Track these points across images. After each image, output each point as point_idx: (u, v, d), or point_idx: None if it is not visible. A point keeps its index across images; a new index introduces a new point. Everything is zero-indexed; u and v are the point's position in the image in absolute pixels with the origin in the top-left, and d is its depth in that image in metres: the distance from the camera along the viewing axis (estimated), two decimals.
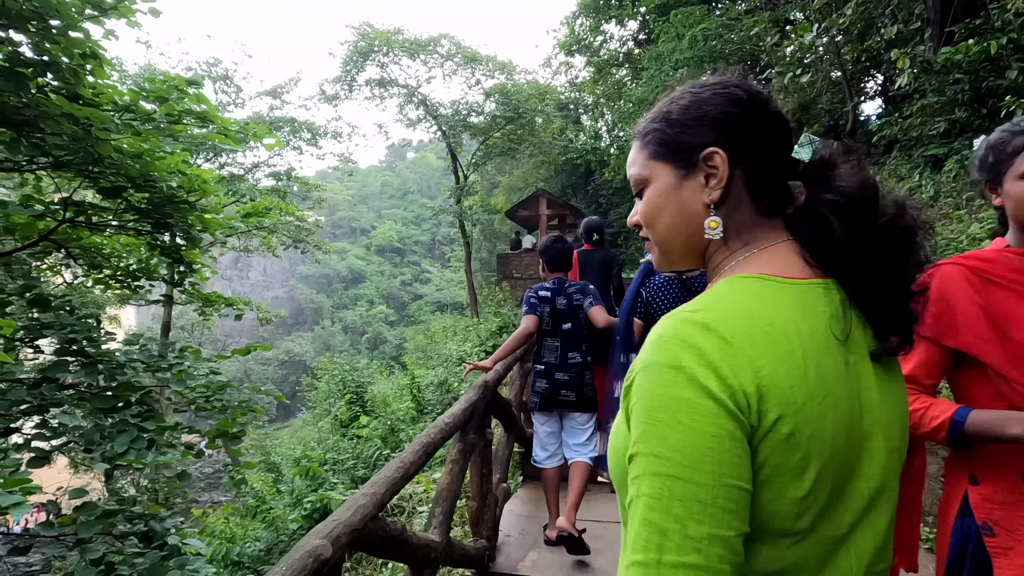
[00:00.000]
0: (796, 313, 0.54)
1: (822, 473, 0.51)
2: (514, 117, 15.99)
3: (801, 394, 0.50)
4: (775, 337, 0.52)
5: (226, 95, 15.43)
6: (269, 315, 19.07)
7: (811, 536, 0.53)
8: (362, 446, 8.36)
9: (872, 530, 0.56)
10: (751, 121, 0.61)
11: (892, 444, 0.58)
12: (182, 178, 4.37)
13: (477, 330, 12.58)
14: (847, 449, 0.53)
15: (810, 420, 0.51)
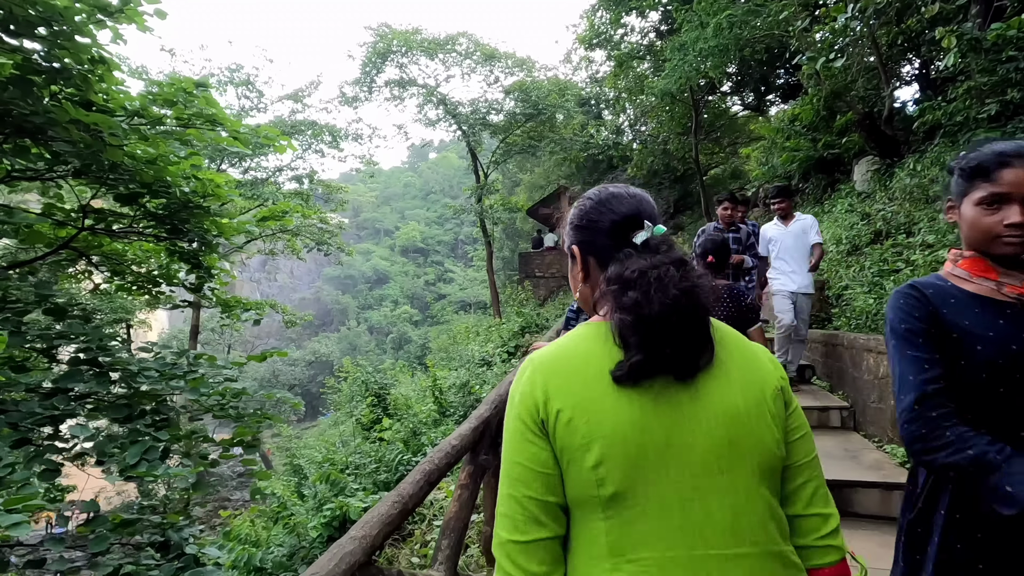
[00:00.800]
0: (588, 342, 0.81)
1: (607, 452, 0.72)
2: (534, 114, 15.78)
3: (577, 395, 0.75)
4: (568, 358, 0.79)
5: (248, 100, 15.61)
6: (294, 317, 19.25)
7: (624, 505, 0.73)
8: (384, 449, 8.29)
9: (679, 511, 0.72)
10: (591, 226, 0.90)
11: (714, 438, 0.74)
12: (196, 183, 4.32)
13: (499, 330, 12.44)
14: (641, 436, 0.73)
15: (584, 409, 0.74)
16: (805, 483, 0.82)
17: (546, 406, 0.76)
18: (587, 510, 0.75)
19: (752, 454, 0.76)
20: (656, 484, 0.73)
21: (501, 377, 9.92)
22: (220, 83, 15.15)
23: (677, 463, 0.74)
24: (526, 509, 0.75)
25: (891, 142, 7.59)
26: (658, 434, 0.74)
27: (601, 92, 22.38)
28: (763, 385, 0.81)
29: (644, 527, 0.72)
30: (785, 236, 4.55)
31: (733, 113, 20.21)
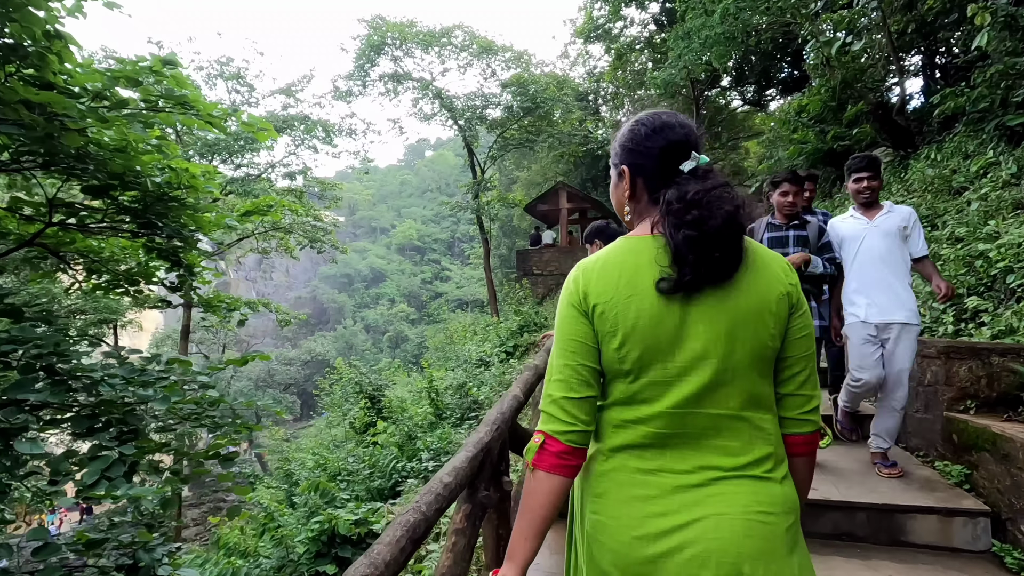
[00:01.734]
0: (627, 255, 1.01)
1: (627, 337, 0.96)
2: (531, 108, 15.44)
3: (612, 294, 0.98)
4: (608, 266, 1.01)
5: (239, 94, 15.20)
6: (288, 316, 18.87)
7: (637, 377, 0.98)
8: (379, 454, 7.98)
9: (694, 381, 0.96)
10: (643, 150, 1.04)
11: (716, 331, 0.95)
12: (169, 173, 3.98)
13: (497, 329, 12.12)
14: (657, 328, 0.96)
15: (614, 306, 0.97)
16: (800, 372, 1.02)
17: (585, 300, 1.00)
18: (612, 376, 1.01)
19: (747, 344, 0.96)
20: (664, 363, 0.96)
21: (500, 378, 9.61)
22: (210, 77, 14.76)
23: (682, 348, 0.95)
24: (579, 374, 1.00)
25: (904, 133, 7.30)
26: (670, 327, 0.95)
27: (599, 87, 22.08)
28: (768, 291, 0.98)
29: (650, 391, 0.97)
30: (870, 235, 2.94)
31: (733, 108, 19.94)
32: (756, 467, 0.97)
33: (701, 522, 0.92)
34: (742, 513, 0.93)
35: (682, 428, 0.97)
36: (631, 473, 0.98)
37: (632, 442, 0.99)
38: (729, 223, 0.93)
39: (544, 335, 3.26)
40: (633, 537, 0.94)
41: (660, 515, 0.94)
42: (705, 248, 0.92)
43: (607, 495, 0.99)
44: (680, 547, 0.91)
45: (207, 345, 38.79)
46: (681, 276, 0.93)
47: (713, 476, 0.95)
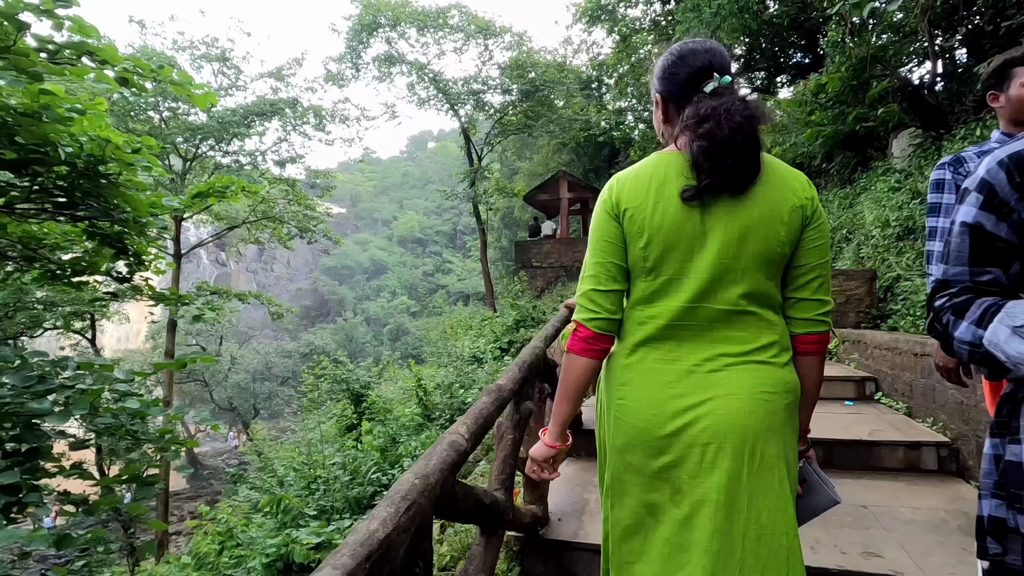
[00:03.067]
0: (658, 167, 1.11)
1: (652, 238, 1.09)
2: (531, 91, 14.74)
3: (640, 200, 1.09)
4: (640, 176, 1.13)
5: (225, 77, 14.55)
6: (280, 310, 18.32)
7: (658, 275, 1.11)
8: (360, 458, 7.40)
9: (707, 278, 1.08)
10: (670, 77, 1.16)
11: (730, 235, 1.06)
12: (90, 144, 3.36)
13: (492, 325, 11.50)
14: (677, 231, 1.07)
15: (642, 210, 1.09)
16: (815, 278, 1.12)
17: (617, 205, 1.13)
18: (637, 273, 1.15)
19: (756, 249, 1.07)
20: (682, 261, 1.10)
21: (494, 376, 9.01)
22: (194, 59, 14.10)
23: (699, 250, 1.08)
24: (608, 270, 1.14)
25: (936, 113, 6.62)
26: (690, 230, 1.08)
27: (603, 74, 21.34)
28: (782, 201, 1.08)
29: (669, 288, 1.11)
30: None
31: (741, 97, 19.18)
32: (761, 353, 1.10)
33: (712, 401, 1.07)
34: (748, 393, 1.07)
35: (696, 320, 1.10)
36: (652, 363, 1.12)
37: (652, 335, 1.12)
38: (738, 132, 1.02)
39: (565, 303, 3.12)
40: (653, 415, 1.10)
41: (678, 396, 1.09)
42: (718, 156, 1.03)
43: (631, 383, 1.14)
44: (694, 421, 1.07)
45: (204, 336, 38.41)
46: (699, 183, 1.05)
47: (724, 363, 1.09)
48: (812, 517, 1.23)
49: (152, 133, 13.14)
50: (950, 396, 2.52)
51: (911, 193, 5.31)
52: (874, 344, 3.37)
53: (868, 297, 4.33)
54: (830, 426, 2.80)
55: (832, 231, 6.94)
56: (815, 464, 1.26)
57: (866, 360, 3.61)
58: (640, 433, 1.10)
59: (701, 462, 1.05)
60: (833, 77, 8.08)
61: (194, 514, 24.20)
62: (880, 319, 4.30)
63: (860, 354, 3.78)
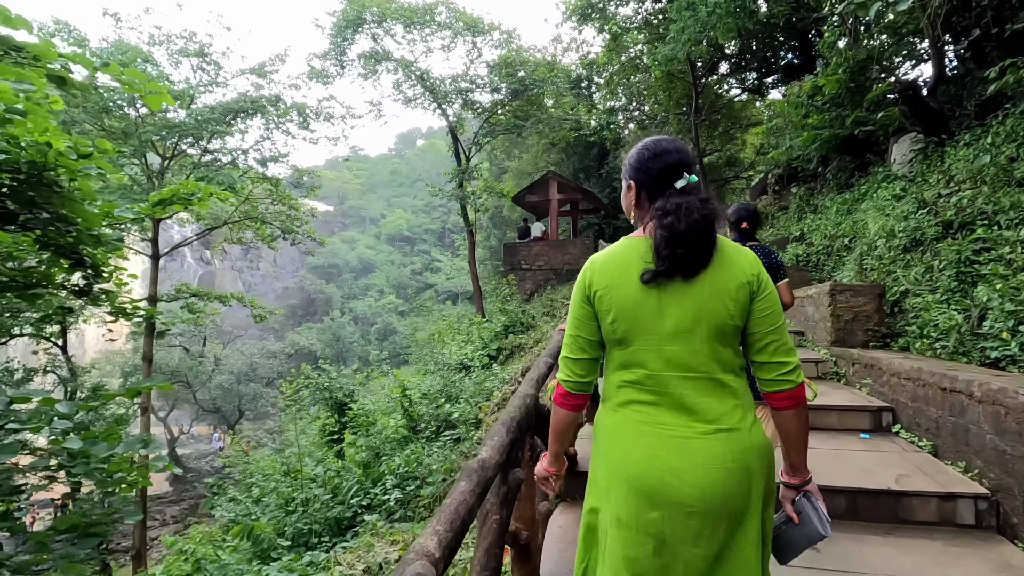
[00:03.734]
0: (624, 252, 1.29)
1: (619, 315, 1.25)
2: (520, 90, 14.41)
3: (608, 282, 1.26)
4: (608, 262, 1.30)
5: (204, 73, 14.04)
6: (262, 311, 17.84)
7: (627, 346, 1.26)
8: (342, 475, 7.08)
9: (670, 350, 1.23)
10: (646, 170, 1.33)
11: (684, 312, 1.22)
12: (30, 149, 3.02)
13: (480, 330, 11.19)
14: (638, 309, 1.23)
15: (609, 291, 1.26)
16: (770, 343, 1.25)
17: (590, 287, 1.30)
18: (610, 345, 1.31)
19: (708, 322, 1.22)
20: (646, 335, 1.24)
21: (480, 386, 8.71)
22: (171, 54, 13.58)
23: (659, 325, 1.23)
24: (578, 342, 1.33)
25: (937, 117, 6.42)
26: (650, 308, 1.23)
27: (593, 73, 21.07)
28: (729, 281, 1.23)
29: (638, 356, 1.25)
30: None
31: (731, 97, 19.02)
32: (728, 419, 1.22)
33: (692, 471, 1.18)
34: (722, 463, 1.19)
35: (665, 387, 1.24)
36: (636, 424, 1.26)
37: (632, 399, 1.28)
38: (692, 228, 1.20)
39: (559, 328, 3.78)
40: (645, 472, 1.21)
41: (661, 457, 1.21)
42: (674, 245, 1.20)
43: (618, 440, 1.28)
44: (679, 487, 1.18)
45: (187, 337, 37.64)
46: (657, 267, 1.22)
47: (699, 431, 1.21)
48: (807, 547, 1.34)
49: (127, 131, 12.65)
50: (988, 441, 2.27)
51: (916, 202, 5.09)
52: (891, 371, 3.11)
53: (876, 314, 4.08)
54: (850, 469, 2.53)
55: (831, 239, 6.72)
56: (814, 498, 1.34)
57: (881, 387, 3.35)
58: (636, 486, 1.21)
59: (687, 523, 1.17)
60: (830, 79, 7.87)
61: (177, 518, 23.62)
62: (889, 338, 4.06)
63: (874, 380, 3.50)
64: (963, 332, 3.46)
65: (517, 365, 8.75)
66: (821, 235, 6.98)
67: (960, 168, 5.11)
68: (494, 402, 7.81)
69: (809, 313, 4.68)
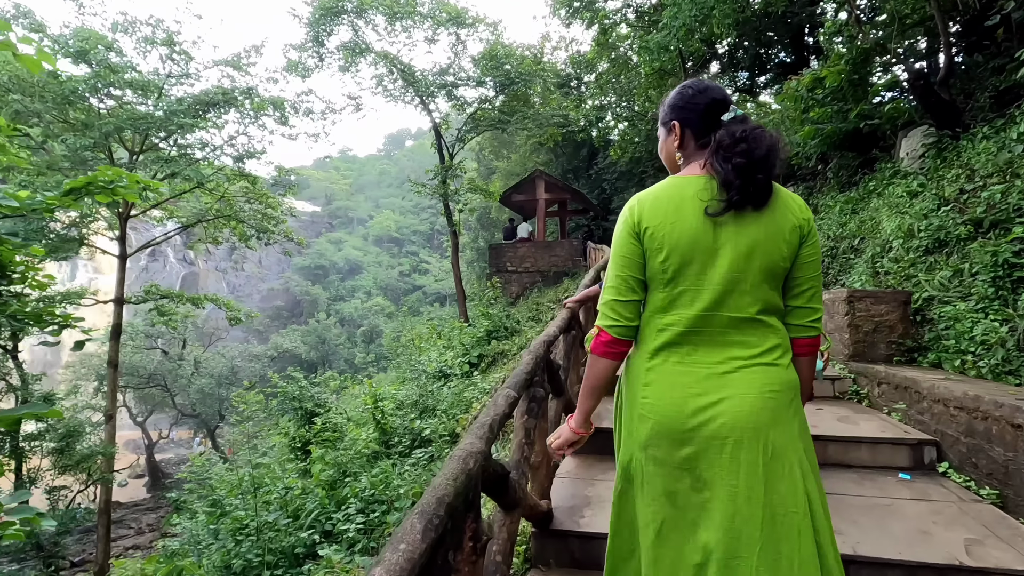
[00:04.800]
0: (674, 189, 1.26)
1: (670, 253, 1.23)
2: (506, 84, 13.85)
3: (660, 219, 1.23)
4: (660, 198, 1.26)
5: (174, 63, 13.31)
6: (237, 315, 17.12)
7: (676, 286, 1.24)
8: (303, 495, 6.45)
9: (719, 289, 1.22)
10: (691, 106, 1.30)
11: (739, 251, 1.21)
12: None
13: (461, 336, 10.60)
14: (694, 247, 1.22)
15: (662, 228, 1.23)
16: (807, 289, 1.29)
17: (639, 224, 1.26)
18: (655, 285, 1.28)
19: (761, 263, 1.22)
20: (698, 274, 1.23)
21: (458, 396, 8.12)
22: (137, 43, 12.86)
23: (713, 264, 1.22)
24: (627, 283, 1.29)
25: (949, 109, 5.95)
26: (704, 246, 1.21)
27: (582, 72, 20.59)
28: (784, 222, 1.23)
29: (685, 298, 1.25)
30: None
31: None
32: (767, 355, 1.23)
33: (728, 400, 1.19)
34: (758, 392, 1.20)
35: (710, 327, 1.23)
36: (672, 366, 1.25)
37: (671, 341, 1.26)
38: (770, 152, 1.20)
39: (566, 303, 3.78)
40: (676, 411, 1.22)
41: (697, 395, 1.21)
42: (751, 173, 1.18)
43: (654, 383, 1.26)
44: (713, 418, 1.19)
45: (166, 338, 36.63)
46: (730, 198, 1.19)
47: (736, 365, 1.22)
48: None
49: (87, 123, 11.92)
50: None
51: (936, 199, 4.59)
52: (935, 395, 2.56)
53: (901, 324, 3.56)
54: (900, 528, 1.98)
55: (835, 240, 6.22)
56: None
57: (919, 415, 2.78)
58: (664, 428, 1.24)
59: (721, 454, 1.19)
60: (831, 70, 7.39)
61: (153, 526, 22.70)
62: (917, 351, 3.54)
63: (909, 404, 2.94)
64: (1008, 347, 2.94)
65: (499, 374, 8.18)
66: (824, 236, 6.48)
67: (983, 162, 4.62)
68: (472, 415, 7.23)
69: None
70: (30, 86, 11.25)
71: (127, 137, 13.66)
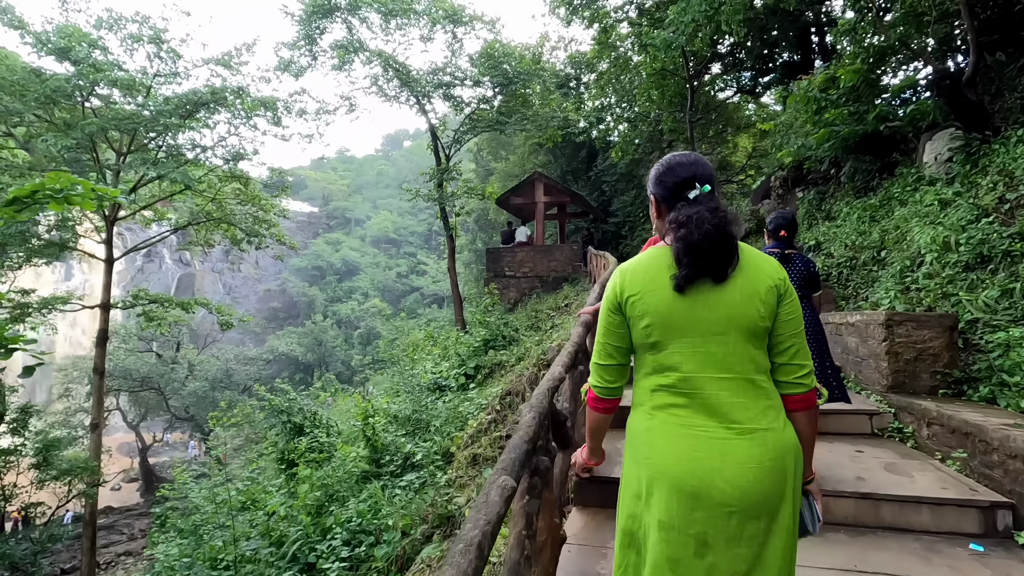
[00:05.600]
0: (652, 260, 1.34)
1: (653, 320, 1.29)
2: (504, 83, 13.44)
3: (639, 288, 1.31)
4: (638, 269, 1.35)
5: (162, 62, 12.88)
6: (228, 319, 16.69)
7: (660, 350, 1.30)
8: (286, 521, 6.04)
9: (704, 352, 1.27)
10: (661, 183, 1.41)
11: (717, 315, 1.27)
12: None
13: (457, 346, 10.18)
14: (672, 313, 1.28)
15: (642, 297, 1.30)
16: (790, 346, 1.32)
17: (621, 294, 1.35)
18: (642, 350, 1.36)
19: (741, 324, 1.27)
20: (680, 338, 1.29)
21: (453, 412, 7.71)
22: (123, 40, 12.43)
23: (692, 329, 1.28)
24: (607, 349, 1.40)
25: (978, 111, 5.57)
26: (683, 312, 1.28)
27: (581, 72, 20.20)
28: (758, 284, 1.29)
29: (672, 359, 1.30)
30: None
31: (723, 100, 18.25)
32: (762, 419, 1.26)
33: (732, 468, 1.22)
34: (758, 463, 1.22)
35: (700, 389, 1.27)
36: (674, 427, 1.28)
37: (667, 403, 1.31)
38: (705, 237, 1.25)
39: (580, 312, 3.70)
40: (684, 471, 1.24)
41: (702, 458, 1.24)
42: (692, 254, 1.26)
43: (656, 443, 1.30)
44: (721, 488, 1.21)
45: (160, 342, 36.15)
46: (681, 274, 1.27)
47: (736, 431, 1.24)
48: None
49: (69, 123, 11.49)
50: None
51: (974, 208, 4.20)
52: (1009, 449, 2.14)
53: (947, 352, 3.16)
54: None
55: (854, 250, 5.83)
56: (812, 498, 1.44)
57: (987, 468, 2.34)
58: (673, 487, 1.24)
59: (728, 523, 1.21)
60: (847, 69, 7.01)
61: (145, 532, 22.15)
62: (966, 383, 3.15)
63: (972, 454, 2.50)
64: None
65: (496, 388, 7.76)
66: (841, 245, 6.09)
67: (1021, 167, 4.23)
68: (468, 433, 6.82)
69: (850, 345, 3.76)
70: (10, 84, 10.82)
71: (114, 138, 13.23)
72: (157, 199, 15.30)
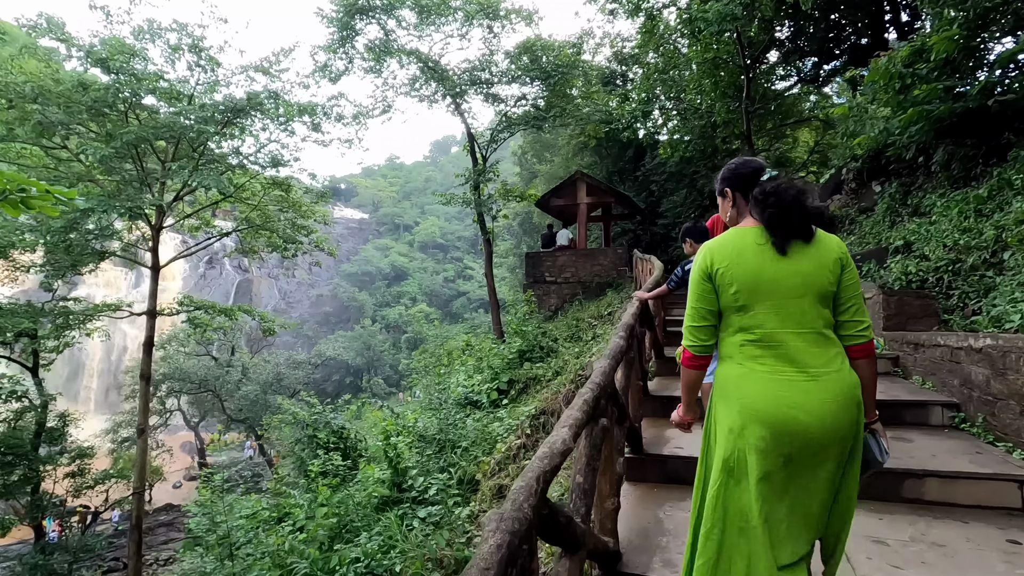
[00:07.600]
0: (738, 237, 1.63)
1: (740, 287, 1.58)
2: (543, 77, 12.72)
3: (728, 261, 1.60)
4: (724, 246, 1.64)
5: (202, 71, 12.93)
6: (271, 325, 16.72)
7: (747, 311, 1.59)
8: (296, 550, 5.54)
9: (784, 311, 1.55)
10: (738, 176, 1.74)
11: (794, 281, 1.54)
12: None
13: (490, 358, 9.52)
14: (757, 281, 1.56)
15: (730, 268, 1.59)
16: (852, 306, 1.59)
17: (711, 266, 1.61)
18: (729, 312, 1.61)
19: (813, 288, 1.54)
20: (764, 301, 1.56)
21: (482, 432, 7.05)
22: (165, 52, 12.52)
23: (774, 293, 1.55)
24: (700, 312, 1.65)
25: None
26: (766, 280, 1.55)
27: (628, 68, 19.26)
28: (826, 257, 1.57)
29: (757, 319, 1.56)
30: None
31: (780, 91, 16.88)
32: (832, 364, 1.54)
33: (812, 404, 1.49)
34: (833, 397, 1.51)
35: (781, 342, 1.54)
36: (762, 374, 1.55)
37: (755, 355, 1.57)
38: (794, 201, 1.55)
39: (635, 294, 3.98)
40: (776, 411, 1.50)
41: (786, 398, 1.50)
42: (783, 218, 1.54)
43: (749, 387, 1.56)
44: (803, 418, 1.48)
45: (216, 345, 37.37)
46: (774, 239, 1.55)
47: (812, 374, 1.51)
48: (865, 472, 1.66)
49: (111, 133, 11.63)
50: None
51: None
52: None
53: None
54: None
55: (956, 251, 4.79)
56: (878, 435, 1.71)
57: None
58: (769, 426, 1.50)
59: (809, 450, 1.50)
60: (941, 37, 5.92)
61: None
62: None
63: None
64: None
65: (529, 406, 7.04)
66: (939, 246, 5.05)
67: None
68: (495, 459, 6.13)
69: (975, 378, 2.81)
70: (56, 96, 11.03)
71: (160, 147, 13.41)
72: (200, 207, 15.47)
